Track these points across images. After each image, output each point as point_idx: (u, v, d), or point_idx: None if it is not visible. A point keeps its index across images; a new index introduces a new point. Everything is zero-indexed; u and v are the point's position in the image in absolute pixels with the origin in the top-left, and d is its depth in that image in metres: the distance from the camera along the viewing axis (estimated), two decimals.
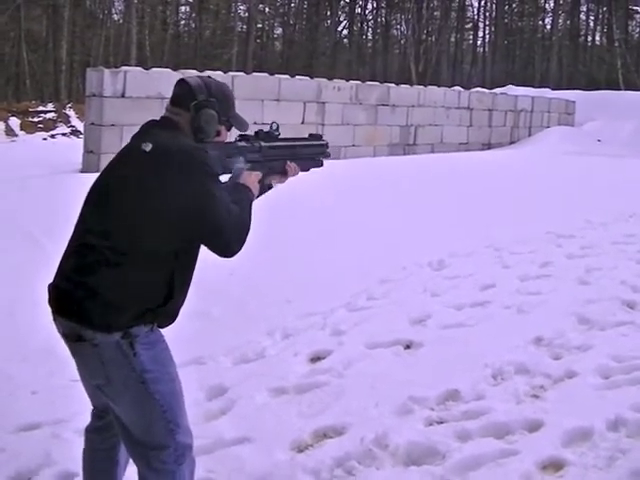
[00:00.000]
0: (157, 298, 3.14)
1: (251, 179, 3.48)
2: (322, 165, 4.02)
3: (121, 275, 3.06)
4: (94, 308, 3.05)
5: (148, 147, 3.14)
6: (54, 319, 3.20)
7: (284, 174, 3.81)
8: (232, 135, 3.58)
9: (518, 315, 6.91)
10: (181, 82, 3.44)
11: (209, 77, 3.53)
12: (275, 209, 4.35)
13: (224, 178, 3.36)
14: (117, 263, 3.07)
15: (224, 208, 3.11)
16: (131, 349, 3.09)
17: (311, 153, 3.94)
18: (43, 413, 4.90)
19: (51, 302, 3.19)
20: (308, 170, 3.94)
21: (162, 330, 3.28)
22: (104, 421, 3.44)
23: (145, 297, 3.11)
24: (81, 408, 4.63)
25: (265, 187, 3.71)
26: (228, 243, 3.16)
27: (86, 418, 3.59)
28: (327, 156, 4.02)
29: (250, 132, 3.64)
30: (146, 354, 3.13)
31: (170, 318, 3.27)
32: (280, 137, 3.76)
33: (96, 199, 3.25)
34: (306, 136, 4.09)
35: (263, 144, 3.64)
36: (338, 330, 6.51)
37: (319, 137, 4.05)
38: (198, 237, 3.16)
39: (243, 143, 3.59)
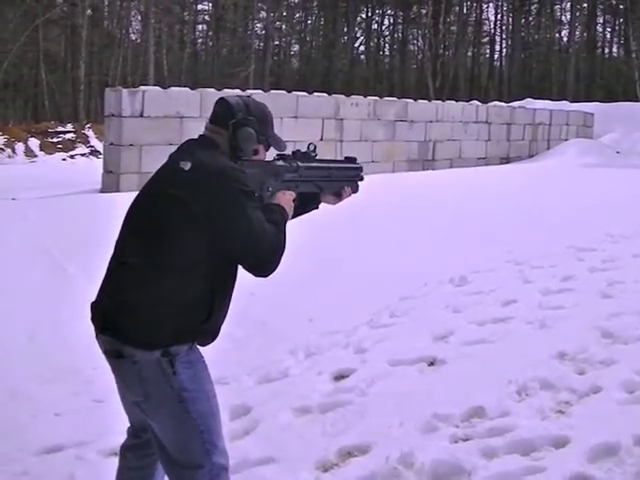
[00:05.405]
0: (196, 316, 3.15)
1: (285, 199, 3.48)
2: (357, 191, 4.00)
3: (160, 293, 3.08)
4: (134, 325, 3.08)
5: (187, 166, 3.16)
6: (96, 336, 3.22)
7: (338, 196, 3.86)
8: (270, 155, 3.59)
9: (541, 330, 6.85)
10: (220, 101, 3.45)
11: (249, 97, 3.55)
12: (294, 228, 4.33)
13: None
14: (155, 281, 3.10)
15: (259, 228, 3.13)
16: (171, 367, 3.11)
17: (346, 176, 3.94)
18: (66, 435, 4.88)
19: (93, 320, 3.22)
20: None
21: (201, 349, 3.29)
22: (140, 439, 3.45)
23: (184, 315, 3.12)
24: (105, 429, 4.65)
25: (306, 208, 3.76)
26: (263, 262, 3.18)
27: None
28: (361, 180, 4.02)
29: (287, 152, 3.66)
30: (186, 373, 3.14)
31: (211, 336, 3.28)
32: (316, 158, 3.77)
33: (133, 217, 3.29)
34: (341, 159, 4.10)
35: (300, 164, 3.65)
36: (361, 348, 6.49)
37: (354, 160, 4.05)
38: (233, 256, 3.17)
39: (281, 162, 3.59)
